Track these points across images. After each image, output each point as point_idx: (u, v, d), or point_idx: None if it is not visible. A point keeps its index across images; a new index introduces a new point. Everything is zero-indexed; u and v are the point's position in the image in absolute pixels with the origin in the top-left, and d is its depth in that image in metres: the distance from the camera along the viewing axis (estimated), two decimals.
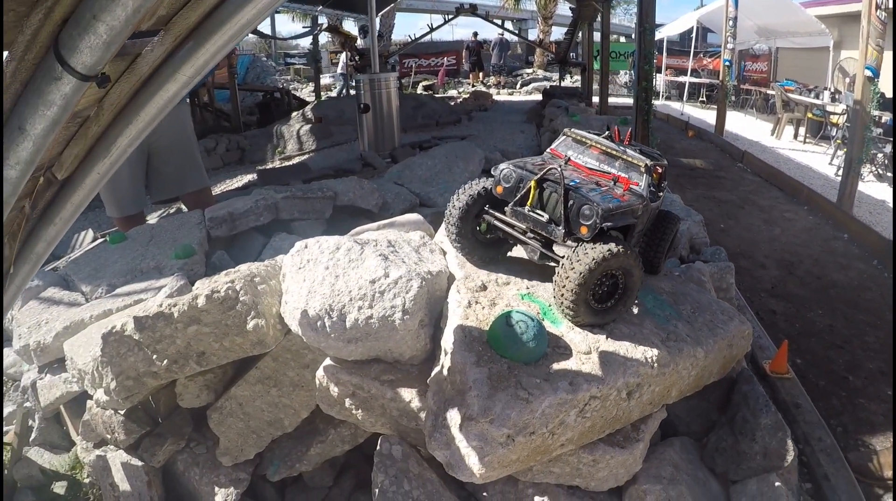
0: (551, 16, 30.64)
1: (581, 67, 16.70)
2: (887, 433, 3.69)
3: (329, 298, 2.21)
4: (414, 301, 2.15)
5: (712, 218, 7.71)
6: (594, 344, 2.07)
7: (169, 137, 5.14)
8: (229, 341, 2.56)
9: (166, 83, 1.60)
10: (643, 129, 7.40)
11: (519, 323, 1.94)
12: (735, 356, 2.48)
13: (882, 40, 7.34)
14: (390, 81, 10.07)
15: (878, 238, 6.90)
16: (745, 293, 5.38)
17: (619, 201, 2.16)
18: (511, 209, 2.25)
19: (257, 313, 2.49)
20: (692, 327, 2.32)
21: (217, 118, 15.28)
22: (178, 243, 4.31)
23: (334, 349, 2.25)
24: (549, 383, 1.88)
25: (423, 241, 2.69)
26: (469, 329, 2.06)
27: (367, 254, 2.29)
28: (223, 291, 2.49)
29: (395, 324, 2.15)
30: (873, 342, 4.79)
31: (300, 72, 31.09)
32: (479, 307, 2.19)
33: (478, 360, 1.93)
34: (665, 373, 2.10)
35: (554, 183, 2.17)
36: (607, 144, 2.46)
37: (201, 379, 2.88)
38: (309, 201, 5.19)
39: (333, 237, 2.45)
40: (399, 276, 2.19)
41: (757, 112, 19.08)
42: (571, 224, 2.12)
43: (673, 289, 2.61)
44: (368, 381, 2.24)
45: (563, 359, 2.00)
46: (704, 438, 2.72)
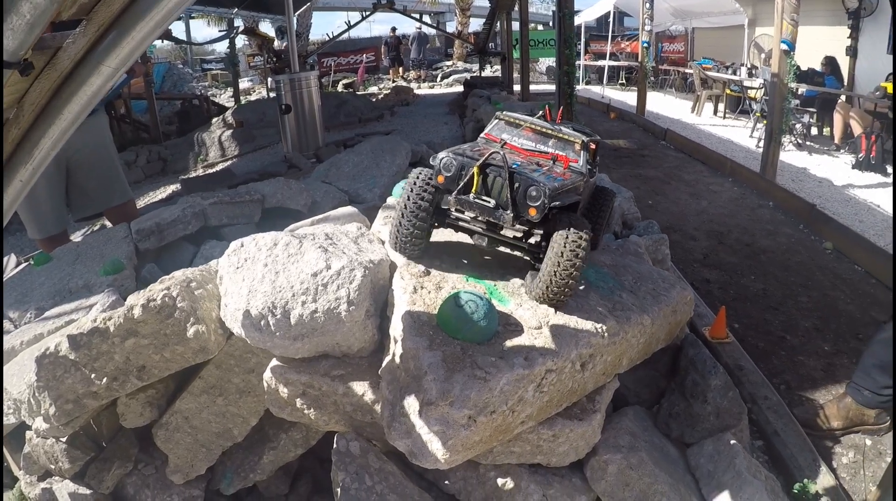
0: (469, 7, 30.79)
1: (501, 57, 16.80)
2: (828, 386, 3.82)
3: (271, 295, 2.14)
4: (359, 291, 2.11)
5: (640, 195, 7.80)
6: (544, 319, 2.06)
7: (88, 150, 4.95)
8: (170, 351, 2.46)
9: (90, 77, 1.51)
10: (567, 113, 7.46)
11: (468, 303, 1.91)
12: (679, 321, 2.51)
13: (796, 14, 7.55)
14: (311, 81, 10.00)
15: (802, 204, 7.11)
16: (679, 265, 5.47)
17: (563, 179, 2.14)
18: (455, 198, 2.17)
19: (197, 319, 2.41)
20: (636, 296, 2.34)
21: (136, 130, 14.96)
22: (106, 260, 4.15)
23: (281, 348, 2.18)
24: (505, 360, 1.86)
25: (360, 232, 2.64)
26: (417, 314, 2.02)
27: (306, 247, 2.23)
28: (159, 299, 2.39)
29: (341, 316, 2.09)
30: (806, 302, 4.93)
31: (218, 77, 30.64)
32: (426, 292, 2.15)
33: (430, 344, 1.90)
34: (616, 342, 2.11)
35: (497, 167, 2.11)
36: (541, 124, 2.44)
37: (143, 396, 2.76)
38: (237, 206, 5.08)
39: (270, 233, 2.37)
40: (341, 267, 2.14)
41: (676, 91, 19.51)
42: (519, 207, 2.07)
43: (613, 262, 2.63)
44: (318, 378, 2.18)
45: (515, 336, 1.98)
46: (656, 406, 2.75)
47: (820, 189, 8.24)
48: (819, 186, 8.39)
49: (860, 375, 3.27)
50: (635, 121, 13.73)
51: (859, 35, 12.82)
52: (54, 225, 5.03)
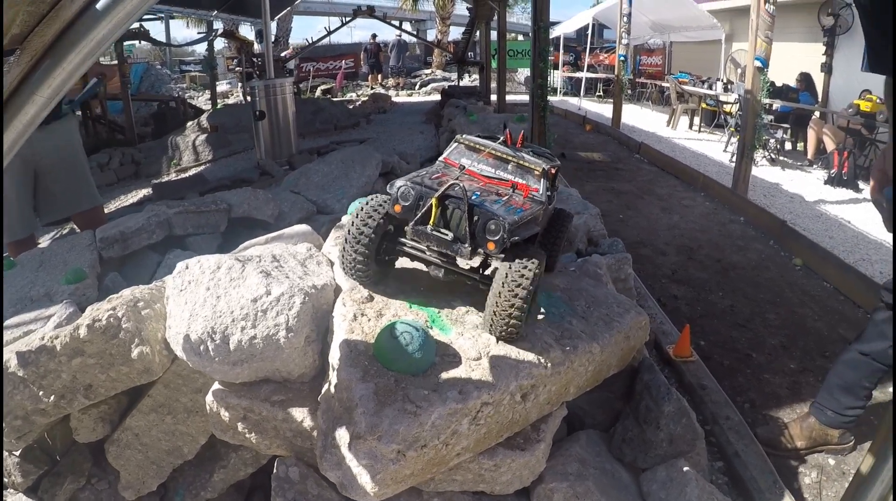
0: (449, 16, 30.90)
1: (479, 66, 16.80)
2: (793, 405, 3.81)
3: (211, 320, 2.09)
4: (297, 318, 2.06)
5: (611, 209, 7.84)
6: (484, 349, 2.01)
7: (56, 155, 4.88)
8: (115, 371, 2.41)
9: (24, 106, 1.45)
10: (540, 125, 7.47)
11: (403, 334, 1.86)
12: (633, 346, 2.46)
13: (770, 32, 7.62)
14: (286, 87, 9.96)
15: (772, 219, 7.14)
16: (647, 281, 5.47)
17: (522, 210, 2.07)
18: (412, 229, 2.08)
19: (142, 340, 2.35)
20: (587, 322, 2.29)
21: (111, 131, 14.81)
22: (69, 267, 4.11)
23: (220, 373, 2.13)
24: (438, 393, 1.81)
25: (309, 253, 2.58)
26: (354, 343, 1.97)
27: (248, 272, 2.18)
28: (105, 319, 2.33)
29: (279, 343, 2.04)
30: (774, 319, 4.93)
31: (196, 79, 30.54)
32: (365, 320, 2.10)
33: (364, 375, 1.84)
34: (560, 372, 2.05)
35: (456, 199, 2.03)
36: (502, 150, 2.36)
37: (95, 412, 2.70)
38: (203, 215, 5.03)
39: (215, 256, 2.31)
40: (281, 293, 2.09)
41: (653, 104, 19.66)
42: (478, 240, 1.99)
43: (567, 285, 2.58)
44: (259, 403, 2.12)
45: (452, 367, 1.93)
46: (611, 428, 2.71)
47: (791, 205, 8.32)
48: (791, 202, 8.47)
49: (824, 395, 3.25)
50: (610, 133, 13.77)
51: (834, 52, 13.02)
52: (21, 229, 4.96)
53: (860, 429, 3.38)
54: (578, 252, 3.83)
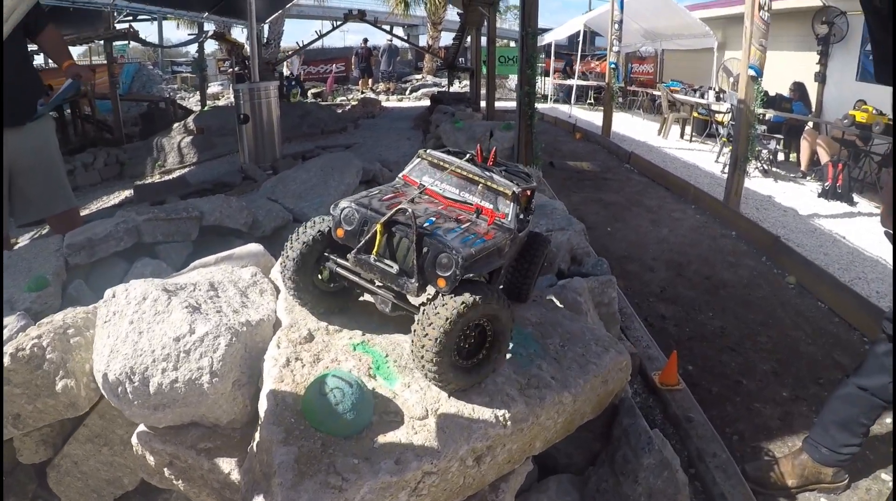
0: (441, 21, 30.84)
1: (469, 72, 16.63)
2: (784, 438, 3.62)
3: (131, 358, 1.86)
4: (223, 361, 1.83)
5: (599, 221, 7.66)
6: (433, 406, 1.76)
7: (31, 156, 4.74)
8: (42, 403, 2.21)
9: None
10: (527, 133, 7.29)
11: (334, 391, 1.61)
12: (611, 391, 2.22)
13: (765, 40, 7.46)
14: (270, 90, 9.78)
15: (765, 234, 6.98)
16: (634, 299, 5.29)
17: (483, 239, 1.85)
18: (354, 258, 1.88)
19: (66, 372, 2.16)
20: (560, 365, 2.04)
21: (99, 130, 14.62)
22: (34, 273, 3.92)
23: (140, 417, 1.91)
24: (370, 463, 1.56)
25: (253, 279, 2.35)
26: (283, 395, 1.73)
27: (173, 306, 1.94)
28: (28, 348, 2.14)
29: (203, 388, 1.81)
30: (765, 342, 4.75)
31: (188, 80, 30.44)
32: (300, 365, 1.85)
33: (286, 437, 1.60)
34: (523, 429, 1.81)
35: (404, 226, 1.81)
36: (469, 169, 2.10)
37: (37, 434, 2.53)
38: (173, 223, 4.84)
39: (143, 284, 2.07)
40: (206, 332, 1.86)
41: (644, 113, 19.51)
42: (427, 275, 1.78)
43: (541, 319, 2.33)
44: (184, 450, 1.90)
45: (391, 428, 1.68)
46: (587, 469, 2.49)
47: (785, 218, 8.16)
48: (784, 216, 8.30)
49: (818, 431, 3.08)
50: (600, 142, 13.62)
51: (828, 61, 12.86)
52: None
53: (855, 466, 3.21)
54: (560, 273, 3.62)
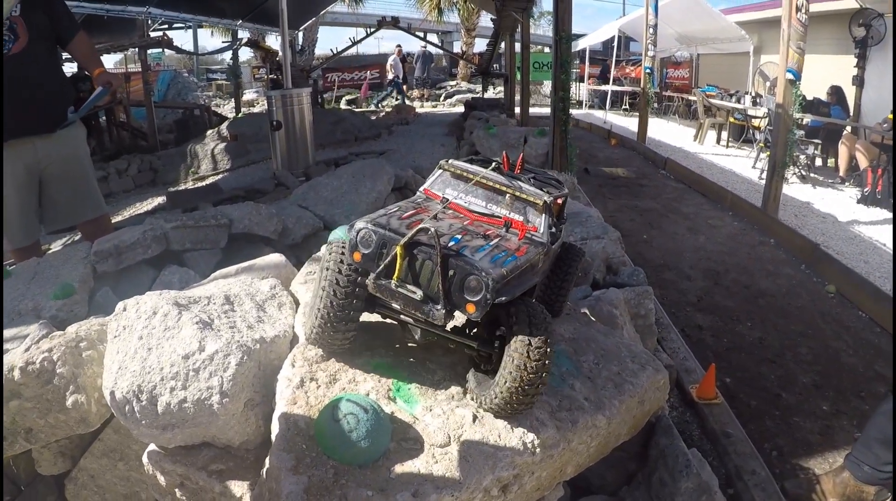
0: (474, 27, 30.89)
1: (503, 78, 16.58)
2: (825, 454, 3.49)
3: (139, 376, 1.79)
4: (233, 381, 1.74)
5: (634, 229, 7.53)
6: (455, 432, 1.65)
7: (61, 163, 4.76)
8: (53, 417, 2.17)
9: None
10: (561, 139, 7.19)
11: (347, 417, 1.51)
12: (648, 411, 2.08)
13: (803, 42, 7.29)
14: (303, 97, 9.80)
15: (804, 242, 6.83)
16: (670, 309, 5.16)
17: (515, 256, 1.70)
18: (374, 284, 1.70)
19: (77, 387, 2.10)
20: (594, 385, 1.92)
21: (133, 137, 14.81)
22: (61, 281, 3.88)
23: (149, 436, 1.84)
24: (385, 495, 1.45)
25: (272, 292, 2.26)
26: (295, 418, 1.63)
27: (184, 321, 1.87)
28: (38, 362, 2.09)
29: (213, 408, 1.73)
30: (806, 354, 4.61)
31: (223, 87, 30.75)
32: (314, 386, 1.75)
33: (297, 464, 1.50)
34: (553, 455, 1.69)
35: (428, 248, 1.65)
36: (495, 179, 1.96)
37: (56, 446, 2.49)
38: (201, 230, 4.80)
39: (154, 297, 2.00)
40: (215, 350, 1.77)
41: (679, 118, 19.30)
42: (454, 301, 1.62)
43: (575, 335, 2.22)
44: (195, 471, 1.82)
45: (410, 456, 1.57)
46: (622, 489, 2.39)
47: (824, 225, 7.98)
48: (823, 222, 8.13)
49: (861, 448, 2.95)
50: (636, 148, 13.50)
51: (866, 64, 12.61)
52: (24, 237, 4.85)
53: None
54: (595, 283, 3.51)
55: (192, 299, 2.04)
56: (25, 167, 4.52)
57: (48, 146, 4.60)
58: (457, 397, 1.79)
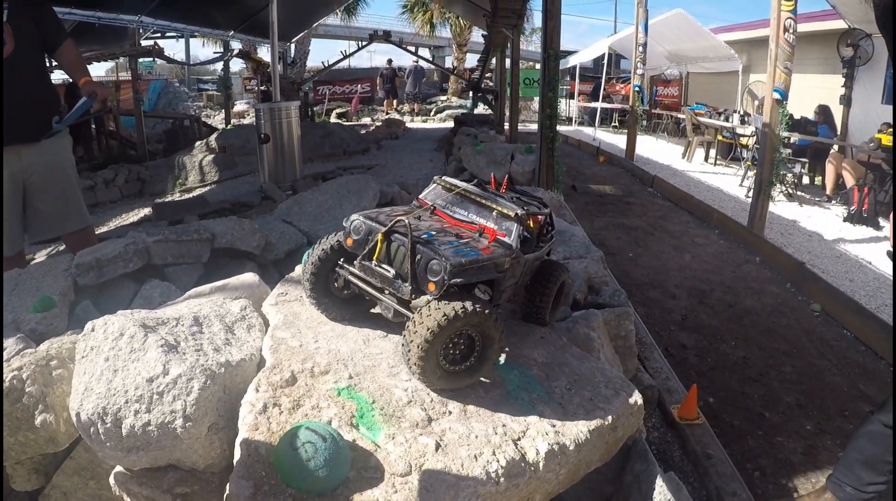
0: (466, 43, 31.05)
1: (493, 94, 16.61)
2: (808, 473, 3.52)
3: (105, 398, 1.77)
4: (196, 405, 1.73)
5: (621, 247, 7.54)
6: (417, 461, 1.63)
7: (46, 172, 4.72)
8: (23, 435, 2.14)
9: None
10: (548, 157, 7.18)
11: (305, 445, 1.50)
12: (621, 437, 2.05)
13: (790, 63, 7.35)
14: (292, 110, 9.81)
15: (790, 260, 6.88)
16: (654, 328, 5.17)
17: (478, 253, 1.97)
18: (359, 264, 2.10)
19: (46, 406, 2.08)
20: (564, 411, 1.89)
21: (122, 146, 14.74)
22: (41, 293, 3.84)
23: (113, 458, 1.81)
24: None
25: (242, 313, 2.25)
26: (256, 445, 1.62)
27: (149, 344, 1.86)
28: (8, 380, 2.06)
29: (176, 432, 1.72)
30: (790, 373, 4.63)
31: (213, 98, 30.72)
32: (277, 412, 1.74)
33: (255, 492, 1.49)
34: (518, 485, 1.67)
35: (402, 236, 2.00)
36: (475, 192, 2.29)
37: (29, 462, 2.44)
38: (183, 245, 4.77)
39: (121, 318, 1.98)
40: (179, 374, 1.76)
41: (668, 136, 19.40)
42: (419, 280, 1.94)
43: (548, 359, 2.20)
44: (160, 494, 1.80)
45: (369, 486, 1.56)
46: None
47: (810, 244, 8.04)
48: (809, 241, 8.18)
49: (843, 469, 2.95)
50: (624, 166, 13.59)
51: (854, 84, 12.70)
52: (8, 247, 4.80)
53: None
54: (576, 303, 3.50)
55: (161, 320, 2.02)
56: (10, 176, 4.47)
57: (33, 155, 4.56)
58: (421, 424, 1.78)
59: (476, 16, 15.93)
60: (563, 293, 2.59)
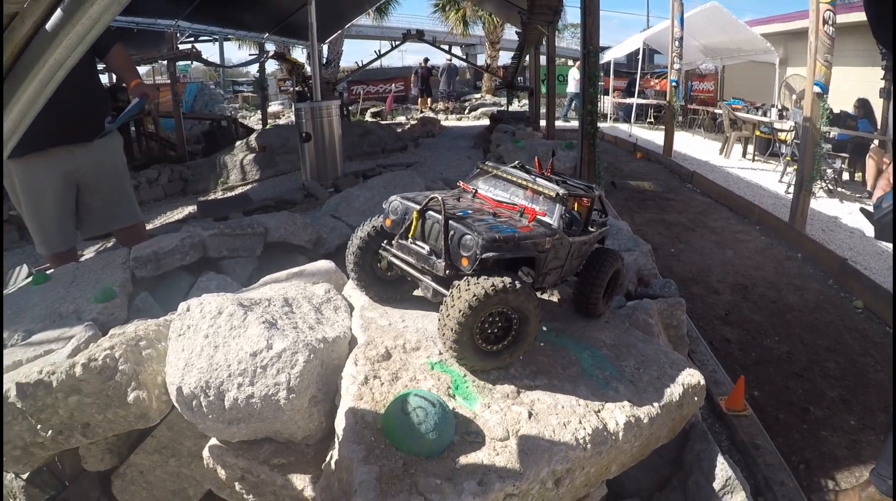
0: (499, 40, 31.02)
1: (528, 91, 16.65)
2: (852, 468, 3.54)
3: (206, 372, 1.90)
4: (300, 378, 1.85)
5: (662, 242, 7.57)
6: (513, 427, 1.75)
7: (99, 171, 4.89)
8: (112, 413, 2.26)
9: None
10: (589, 153, 7.23)
11: (416, 410, 1.62)
12: (685, 415, 2.17)
13: (830, 55, 7.31)
14: (332, 109, 9.90)
15: (831, 257, 6.85)
16: (699, 322, 5.20)
17: (515, 230, 2.03)
18: (397, 242, 2.19)
19: (138, 383, 2.19)
20: (636, 388, 2.02)
21: (162, 147, 15.03)
22: (101, 285, 3.98)
23: (214, 431, 1.94)
24: (453, 484, 1.55)
25: (327, 296, 2.38)
26: (362, 413, 1.73)
27: (250, 321, 1.98)
28: (101, 358, 2.18)
29: (279, 404, 1.84)
30: (833, 368, 4.64)
31: (248, 99, 30.99)
32: (378, 383, 1.86)
33: (367, 455, 1.60)
34: (601, 452, 1.79)
35: (437, 214, 2.05)
36: (516, 174, 2.36)
37: (104, 442, 2.59)
38: (238, 239, 4.91)
39: (218, 298, 2.12)
40: (283, 348, 1.88)
41: (705, 131, 19.25)
42: (452, 256, 1.99)
43: (615, 341, 2.32)
44: (257, 465, 1.92)
45: (473, 449, 1.68)
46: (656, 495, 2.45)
47: (851, 240, 7.99)
48: (850, 237, 8.14)
49: (884, 463, 2.99)
50: (662, 162, 13.52)
51: (894, 76, 12.49)
52: (60, 242, 4.97)
53: None
54: (628, 294, 3.59)
55: (254, 300, 2.14)
56: (63, 175, 4.65)
57: (86, 155, 4.72)
58: (511, 395, 1.90)
59: (509, 13, 15.95)
60: (616, 283, 2.62)
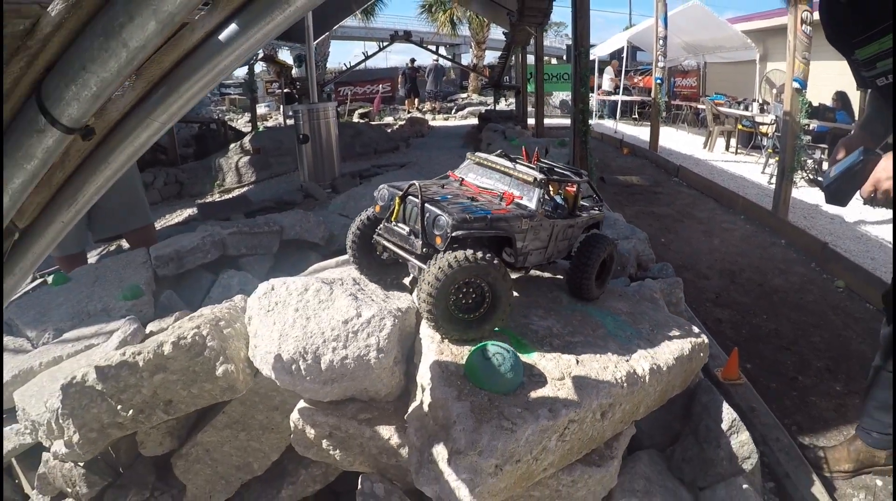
0: (484, 40, 31.21)
1: (515, 91, 16.88)
2: (840, 427, 3.84)
3: (302, 340, 2.22)
4: (388, 340, 2.19)
5: (653, 233, 7.82)
6: (566, 370, 2.11)
7: None
8: (198, 388, 2.52)
9: (136, 129, 1.53)
10: (581, 150, 7.51)
11: (496, 355, 1.97)
12: (695, 368, 2.56)
13: (808, 53, 7.67)
14: (329, 111, 10.08)
15: (813, 241, 7.17)
16: (691, 305, 5.47)
17: (488, 212, 2.21)
18: (383, 225, 2.37)
19: (226, 358, 2.48)
20: (653, 345, 2.40)
21: (153, 151, 15.00)
22: (125, 284, 4.19)
23: (310, 391, 2.26)
24: (530, 411, 1.90)
25: None
26: (445, 364, 2.07)
27: (336, 294, 2.31)
28: (190, 337, 2.46)
29: (370, 363, 2.17)
30: (818, 342, 4.95)
31: (236, 101, 30.80)
32: (448, 342, 2.20)
33: (458, 394, 1.94)
34: (634, 392, 2.15)
35: (416, 198, 2.24)
36: (499, 162, 2.56)
37: (164, 426, 2.79)
38: (256, 237, 5.13)
39: (300, 278, 2.46)
40: (372, 315, 2.22)
41: (689, 126, 19.57)
42: (428, 235, 2.19)
43: (631, 309, 2.70)
44: (346, 421, 2.25)
45: (539, 387, 2.03)
46: (669, 448, 2.80)
47: (832, 226, 8.30)
48: (831, 223, 8.45)
49: (866, 419, 3.27)
50: (648, 156, 13.82)
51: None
52: (73, 244, 5.08)
53: None
54: (630, 277, 3.93)
55: (332, 280, 2.47)
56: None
57: None
58: (559, 347, 2.26)
59: (496, 13, 16.12)
60: (609, 267, 2.82)
